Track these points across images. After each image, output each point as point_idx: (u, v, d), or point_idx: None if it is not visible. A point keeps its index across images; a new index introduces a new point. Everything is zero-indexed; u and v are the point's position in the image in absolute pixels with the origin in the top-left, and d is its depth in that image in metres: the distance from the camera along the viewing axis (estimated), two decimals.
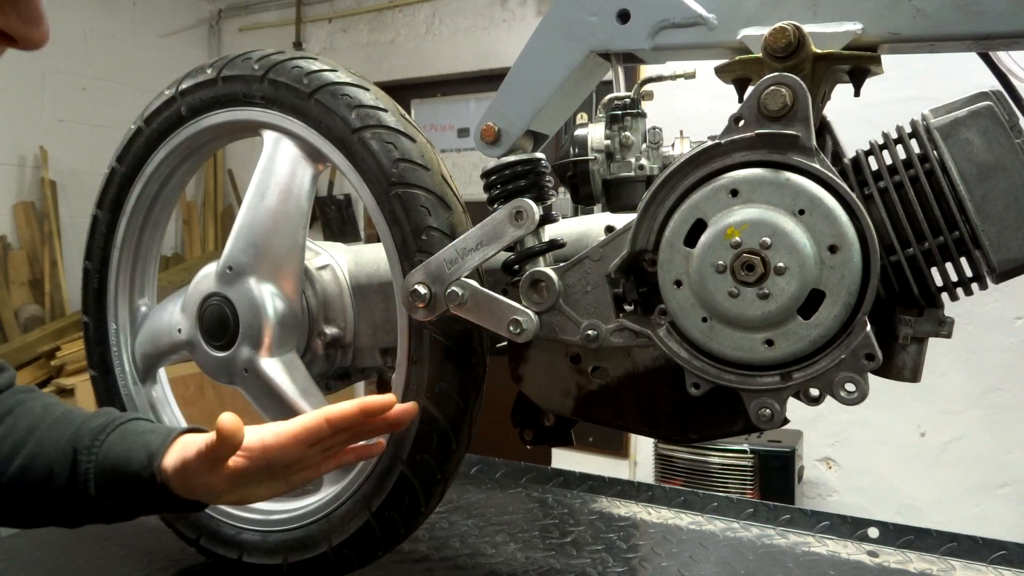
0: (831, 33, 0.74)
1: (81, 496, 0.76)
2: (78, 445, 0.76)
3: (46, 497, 0.77)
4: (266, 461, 0.76)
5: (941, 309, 0.75)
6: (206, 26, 5.20)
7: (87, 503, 0.77)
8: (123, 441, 0.77)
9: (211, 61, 1.06)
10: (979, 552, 1.16)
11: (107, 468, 0.76)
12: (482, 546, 1.17)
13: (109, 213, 1.14)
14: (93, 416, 0.80)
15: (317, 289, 1.04)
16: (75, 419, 0.80)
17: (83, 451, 0.76)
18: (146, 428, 0.79)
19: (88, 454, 0.76)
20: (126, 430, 0.78)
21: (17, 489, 0.77)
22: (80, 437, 0.77)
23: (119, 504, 0.78)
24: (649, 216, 0.77)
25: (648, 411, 0.85)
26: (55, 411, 0.81)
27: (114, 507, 0.78)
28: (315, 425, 0.77)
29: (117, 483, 0.76)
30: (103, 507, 0.78)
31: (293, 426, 0.77)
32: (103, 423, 0.78)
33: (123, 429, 0.78)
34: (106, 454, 0.76)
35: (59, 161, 4.31)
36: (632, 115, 1.11)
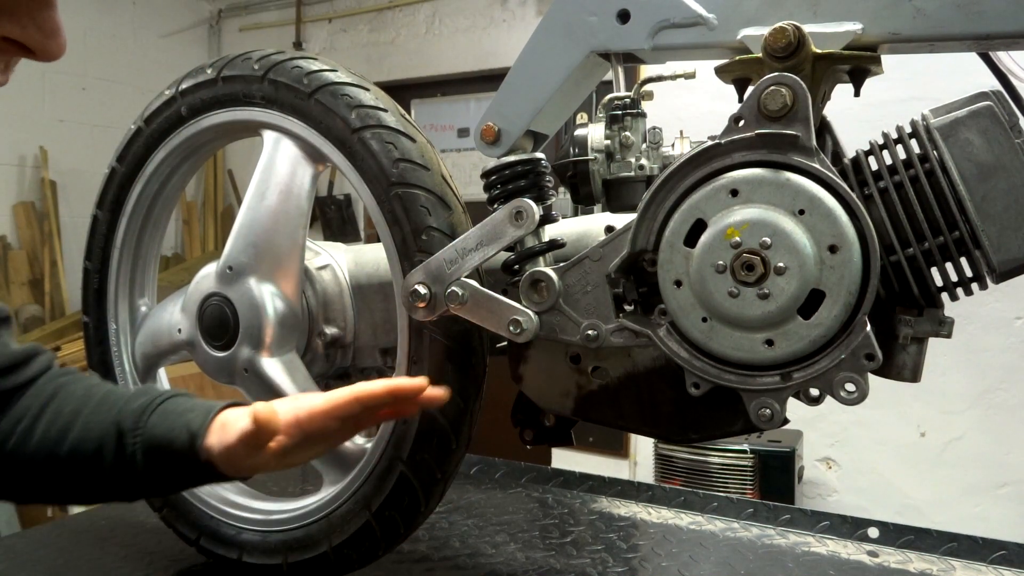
0: (831, 33, 0.74)
1: (131, 474, 0.78)
2: (123, 427, 0.78)
3: (99, 476, 0.79)
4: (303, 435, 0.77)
5: (941, 309, 0.75)
6: (206, 26, 5.20)
7: (138, 480, 0.79)
8: (164, 421, 0.78)
9: (211, 61, 1.06)
10: (979, 552, 1.16)
11: (152, 448, 0.77)
12: (482, 546, 1.17)
13: (109, 213, 1.14)
14: (134, 396, 0.81)
15: (317, 289, 1.04)
16: (117, 400, 0.81)
17: (128, 433, 0.78)
18: (185, 406, 0.80)
19: (133, 436, 0.77)
20: (166, 409, 0.79)
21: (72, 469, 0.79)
22: (123, 418, 0.78)
23: (169, 480, 0.80)
24: (649, 216, 0.76)
25: (648, 411, 0.85)
26: (97, 393, 0.82)
27: (165, 483, 0.81)
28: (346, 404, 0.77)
29: (164, 462, 0.78)
30: (154, 483, 0.80)
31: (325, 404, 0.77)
32: (144, 403, 0.80)
33: (163, 408, 0.79)
34: (151, 434, 0.77)
35: (59, 161, 4.31)
36: (632, 115, 1.11)
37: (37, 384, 0.83)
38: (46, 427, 0.79)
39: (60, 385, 0.83)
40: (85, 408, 0.80)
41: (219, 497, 1.08)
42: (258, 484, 1.29)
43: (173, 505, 1.10)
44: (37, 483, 0.81)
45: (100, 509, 1.39)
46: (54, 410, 0.80)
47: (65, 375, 0.85)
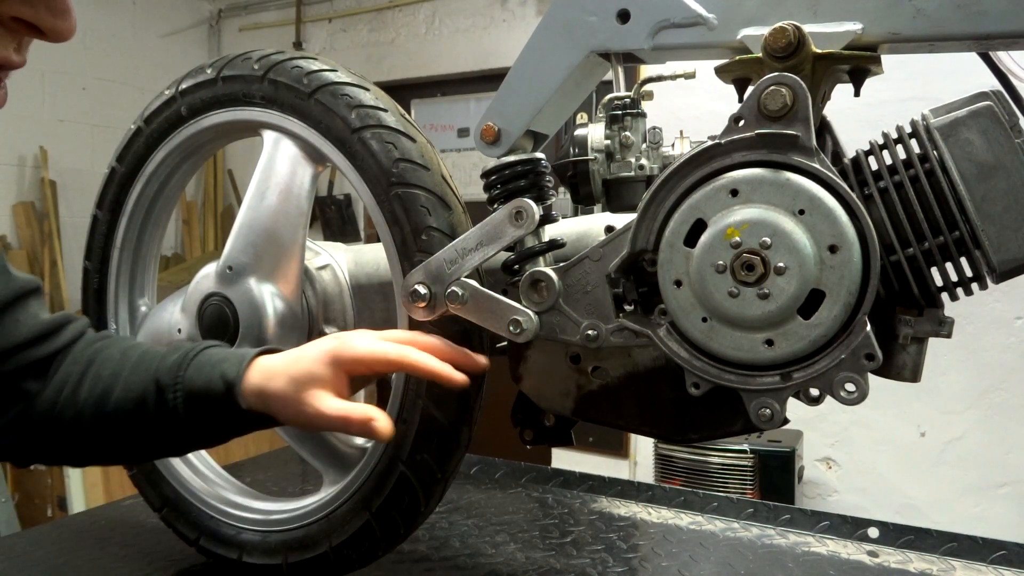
0: (831, 33, 0.74)
1: (176, 427, 0.80)
2: (162, 383, 0.80)
3: (146, 432, 0.82)
4: None
5: (941, 309, 0.75)
6: (206, 26, 5.20)
7: (184, 432, 0.81)
8: (201, 373, 0.80)
9: (211, 61, 1.06)
10: (979, 552, 1.16)
11: (193, 399, 0.79)
12: (482, 546, 1.17)
13: (109, 213, 1.14)
14: (169, 352, 0.83)
15: (317, 289, 1.04)
16: (154, 358, 0.83)
17: (167, 388, 0.79)
18: (219, 356, 0.81)
19: (172, 391, 0.79)
20: (199, 362, 0.81)
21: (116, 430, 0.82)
22: (161, 375, 0.80)
23: (214, 429, 0.82)
24: (649, 216, 0.77)
25: (648, 411, 0.85)
26: (133, 354, 0.85)
27: (210, 432, 0.82)
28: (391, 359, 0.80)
29: (206, 412, 0.79)
30: (200, 434, 0.82)
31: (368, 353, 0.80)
32: (179, 358, 0.81)
33: (198, 361, 0.81)
34: (189, 387, 0.79)
35: (59, 161, 4.31)
36: (632, 115, 1.11)
37: (75, 351, 0.85)
38: (89, 391, 0.82)
39: (97, 350, 0.86)
40: (123, 369, 0.83)
41: (219, 497, 1.08)
42: (258, 484, 1.29)
43: (173, 505, 1.10)
44: (89, 445, 0.84)
45: (100, 509, 1.39)
46: (94, 374, 0.83)
47: (100, 339, 0.88)
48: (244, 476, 1.39)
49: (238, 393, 0.78)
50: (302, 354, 0.80)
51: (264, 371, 0.79)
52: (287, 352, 0.82)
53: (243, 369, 0.79)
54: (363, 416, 0.75)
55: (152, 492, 1.11)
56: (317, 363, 0.78)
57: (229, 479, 1.12)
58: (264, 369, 0.79)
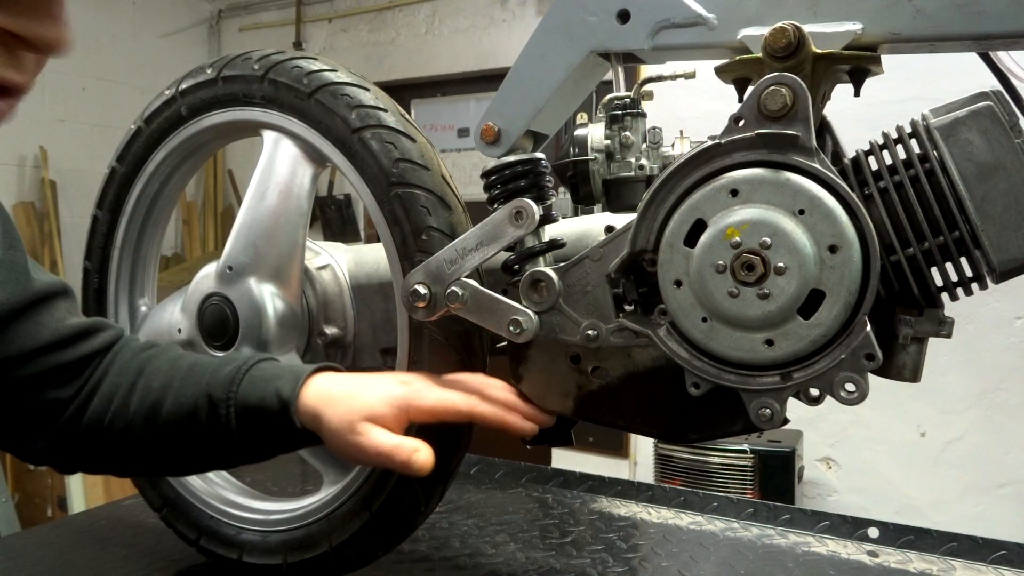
0: (831, 33, 0.74)
1: (228, 442, 0.79)
2: (214, 397, 0.79)
3: (197, 445, 0.81)
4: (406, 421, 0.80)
5: (941, 309, 0.75)
6: (206, 26, 5.20)
7: (236, 447, 0.80)
8: (255, 389, 0.79)
9: (211, 61, 1.06)
10: (979, 552, 1.16)
11: (246, 416, 0.78)
12: (482, 546, 1.17)
13: (109, 213, 1.14)
14: (220, 364, 0.82)
15: (317, 289, 1.04)
16: (204, 370, 0.82)
17: (220, 403, 0.79)
18: (273, 373, 0.80)
19: (225, 406, 0.78)
20: (253, 377, 0.80)
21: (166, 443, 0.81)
22: (213, 389, 0.80)
23: (266, 446, 0.81)
24: (649, 216, 0.76)
25: (648, 411, 0.85)
26: (182, 365, 0.84)
27: (262, 449, 0.82)
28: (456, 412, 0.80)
29: (259, 429, 0.79)
30: (253, 449, 0.81)
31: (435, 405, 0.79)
32: (231, 372, 0.80)
33: (250, 376, 0.80)
34: (243, 403, 0.78)
35: (59, 161, 4.31)
36: (632, 115, 1.11)
37: (120, 362, 0.84)
38: (139, 403, 0.81)
39: (144, 360, 0.85)
40: (174, 381, 0.82)
41: (219, 497, 1.08)
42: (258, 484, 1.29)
43: (173, 505, 1.10)
44: (138, 457, 0.83)
45: (100, 509, 1.40)
46: (144, 386, 0.82)
47: (147, 349, 0.87)
48: (244, 476, 1.39)
49: (293, 412, 0.77)
50: (367, 389, 0.79)
51: (323, 394, 0.78)
52: (350, 378, 0.81)
53: (299, 388, 0.78)
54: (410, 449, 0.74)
55: (152, 492, 1.11)
56: (383, 404, 0.77)
57: (229, 479, 1.12)
58: (323, 392, 0.78)
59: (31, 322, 0.79)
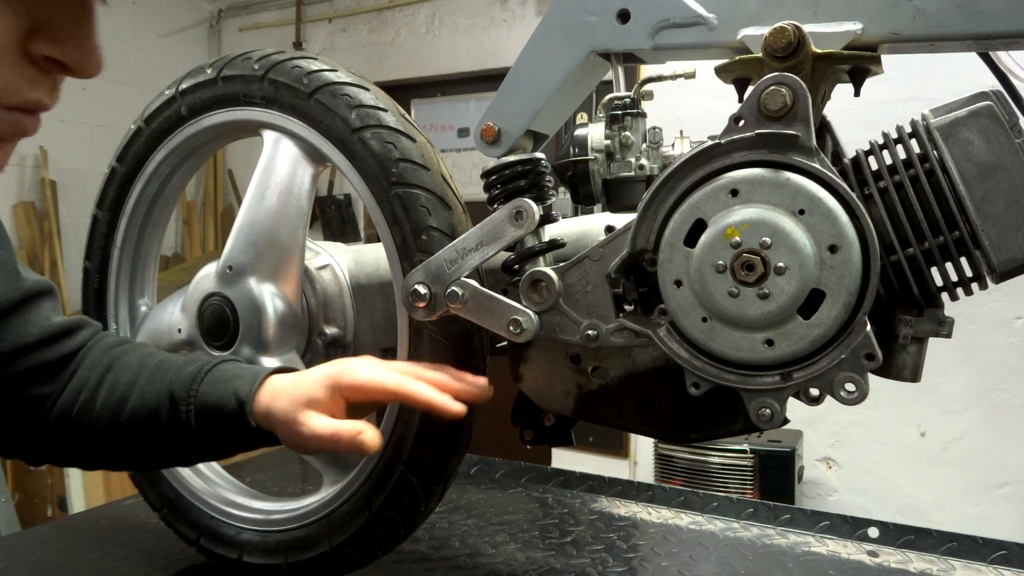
0: (831, 33, 0.74)
1: (188, 440, 0.81)
2: (175, 395, 0.81)
3: (159, 442, 0.83)
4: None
5: (941, 309, 0.75)
6: (206, 26, 5.20)
7: (195, 445, 0.82)
8: (213, 390, 0.81)
9: (211, 61, 1.06)
10: (979, 552, 1.16)
11: (205, 415, 0.80)
12: (482, 546, 1.17)
13: (109, 213, 1.14)
14: (184, 364, 0.85)
15: (317, 289, 1.04)
16: (170, 368, 0.84)
17: (180, 401, 0.81)
18: (233, 374, 0.82)
19: (185, 404, 0.80)
20: (214, 377, 0.82)
21: (132, 437, 0.83)
22: (175, 387, 0.82)
23: (225, 445, 0.83)
24: (649, 216, 0.77)
25: (648, 411, 0.85)
26: (150, 363, 0.86)
27: (221, 447, 0.83)
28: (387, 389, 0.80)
29: (217, 428, 0.81)
30: (211, 448, 0.83)
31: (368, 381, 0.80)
32: (194, 371, 0.83)
33: (211, 376, 0.82)
34: (202, 402, 0.80)
35: (59, 161, 4.31)
36: (632, 115, 1.11)
37: (92, 355, 0.86)
38: (105, 397, 0.83)
39: (115, 356, 0.87)
40: (140, 378, 0.84)
41: (219, 497, 1.08)
42: (258, 484, 1.29)
43: (173, 505, 1.10)
44: (102, 450, 0.85)
45: (100, 509, 1.40)
46: (111, 381, 0.84)
47: (120, 345, 0.89)
48: (244, 476, 1.39)
49: (249, 412, 0.79)
50: (305, 377, 0.81)
51: (272, 391, 0.80)
52: (294, 374, 0.83)
53: (255, 388, 0.80)
54: (352, 431, 0.75)
55: (152, 492, 1.11)
56: (317, 386, 0.79)
57: (229, 479, 1.12)
58: (272, 389, 0.80)
59: (20, 320, 0.81)
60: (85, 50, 0.47)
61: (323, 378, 0.80)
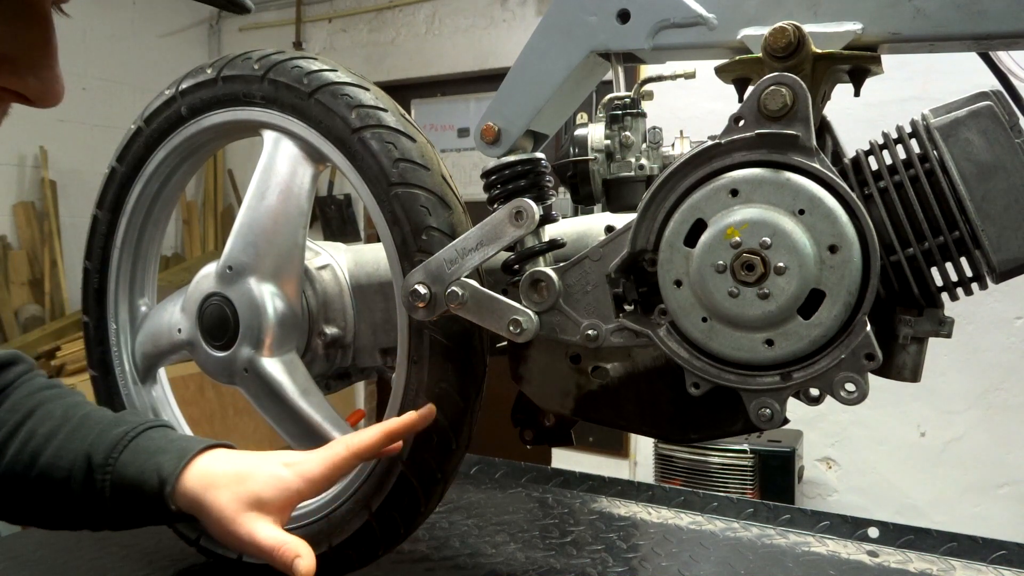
0: (831, 33, 0.74)
1: (99, 509, 0.76)
2: (93, 460, 0.76)
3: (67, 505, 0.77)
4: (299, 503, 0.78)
5: (941, 309, 0.75)
6: (206, 26, 5.20)
7: (106, 515, 0.77)
8: (135, 460, 0.76)
9: (211, 61, 1.06)
10: (979, 552, 1.16)
11: (121, 488, 0.75)
12: (482, 546, 1.17)
13: (109, 213, 1.14)
14: (109, 425, 0.79)
15: (317, 289, 1.04)
16: (93, 427, 0.79)
17: (98, 468, 0.75)
18: (158, 446, 0.77)
19: (103, 472, 0.75)
20: (138, 446, 0.77)
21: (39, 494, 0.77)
22: (95, 451, 0.76)
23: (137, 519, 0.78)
24: (649, 216, 0.77)
25: (648, 411, 0.85)
26: (74, 415, 0.80)
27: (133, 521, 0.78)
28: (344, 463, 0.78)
29: (132, 503, 0.75)
30: (122, 520, 0.78)
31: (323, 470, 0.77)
32: (117, 436, 0.77)
33: (135, 445, 0.77)
34: (120, 473, 0.75)
35: (59, 161, 4.31)
36: (632, 115, 1.11)
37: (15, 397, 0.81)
38: (19, 447, 0.77)
39: (39, 402, 0.81)
40: (60, 432, 0.78)
41: None
42: None
43: None
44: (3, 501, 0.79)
45: None
46: (29, 429, 0.78)
47: (48, 389, 0.83)
48: None
49: (168, 493, 0.74)
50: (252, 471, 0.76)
51: (205, 477, 0.74)
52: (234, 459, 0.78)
53: (180, 468, 0.75)
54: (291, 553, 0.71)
55: None
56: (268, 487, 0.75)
57: None
58: (205, 475, 0.75)
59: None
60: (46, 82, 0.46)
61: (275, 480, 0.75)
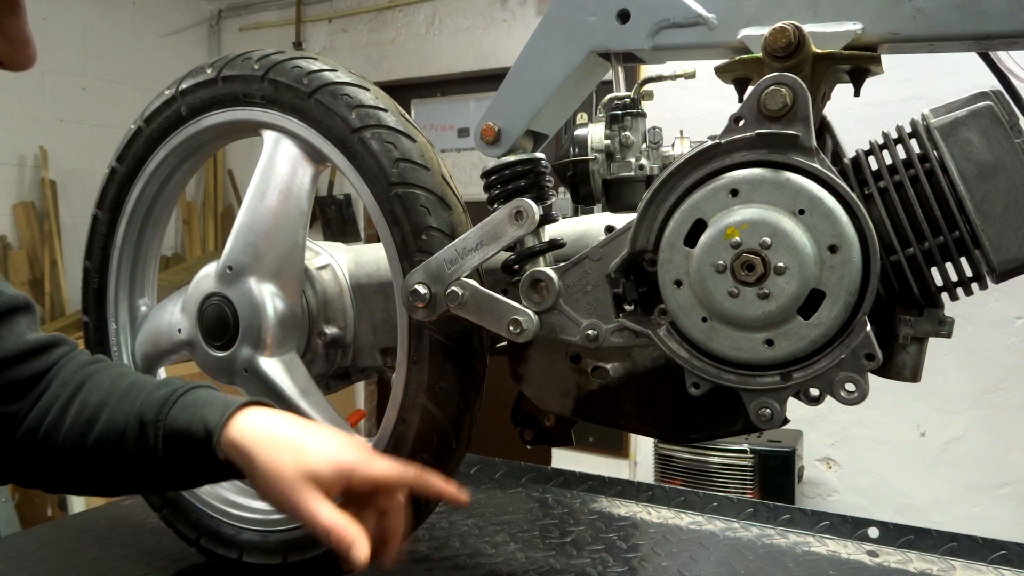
0: (831, 33, 0.74)
1: (154, 466, 0.78)
2: (144, 418, 0.78)
3: (124, 466, 0.79)
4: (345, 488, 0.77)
5: (941, 309, 0.75)
6: (206, 26, 5.20)
7: (161, 471, 0.79)
8: (183, 414, 0.78)
9: (211, 61, 1.06)
10: (979, 552, 1.16)
11: (172, 440, 0.77)
12: (482, 546, 1.17)
13: (109, 213, 1.14)
14: (157, 387, 0.81)
15: (317, 289, 1.04)
16: (142, 391, 0.81)
17: (149, 424, 0.78)
18: (205, 400, 0.79)
19: (154, 427, 0.77)
20: (186, 401, 0.79)
21: (98, 460, 0.80)
22: (145, 410, 0.79)
23: (190, 473, 0.80)
24: (649, 216, 0.77)
25: (648, 411, 0.85)
26: (122, 383, 0.83)
27: (186, 476, 0.80)
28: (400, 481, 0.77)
29: (184, 455, 0.77)
30: (176, 476, 0.80)
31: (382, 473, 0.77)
32: (166, 394, 0.80)
33: (183, 401, 0.79)
34: (171, 426, 0.77)
35: (59, 161, 4.31)
36: (632, 115, 1.11)
37: (64, 373, 0.83)
38: (74, 417, 0.80)
39: (88, 375, 0.83)
40: (111, 399, 0.81)
41: (219, 497, 1.08)
42: None
43: (173, 505, 1.10)
44: (66, 472, 0.81)
45: (100, 509, 1.39)
46: (81, 401, 0.81)
47: (93, 363, 0.86)
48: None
49: (216, 442, 0.75)
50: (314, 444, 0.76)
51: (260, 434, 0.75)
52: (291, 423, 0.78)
53: (225, 419, 0.76)
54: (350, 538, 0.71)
55: None
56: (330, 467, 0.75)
57: None
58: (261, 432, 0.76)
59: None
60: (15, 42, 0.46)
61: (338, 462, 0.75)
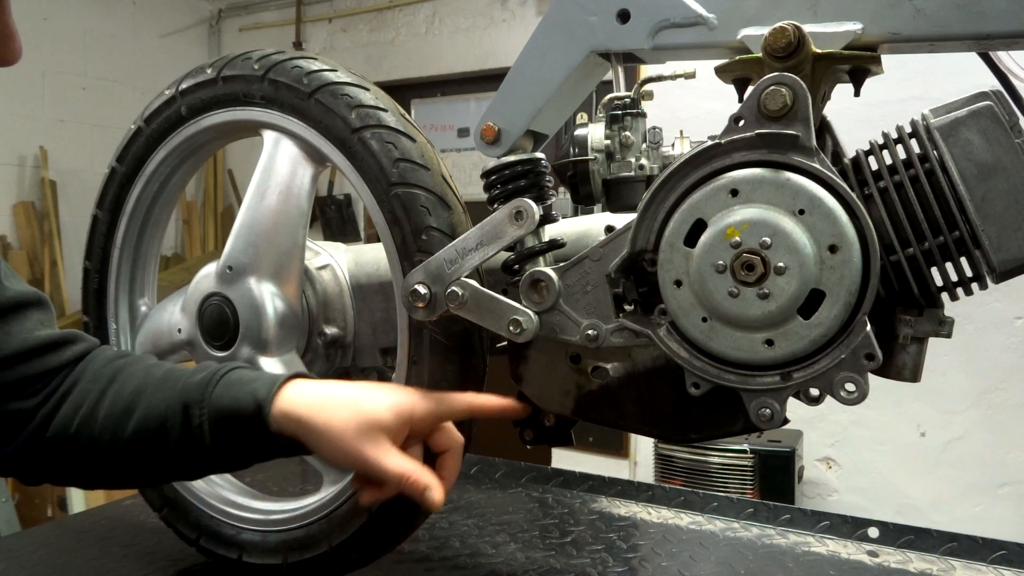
0: (831, 33, 0.74)
1: (198, 448, 0.77)
2: (188, 400, 0.77)
3: (166, 454, 0.78)
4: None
5: (941, 309, 0.75)
6: (206, 26, 5.20)
7: (205, 454, 0.78)
8: (228, 392, 0.77)
9: (211, 61, 1.06)
10: (979, 552, 1.16)
11: (220, 419, 0.76)
12: (482, 546, 1.17)
13: (109, 213, 1.14)
14: (195, 371, 0.81)
15: (317, 289, 1.04)
16: (179, 376, 0.81)
17: (194, 405, 0.77)
18: (249, 377, 0.79)
19: (199, 408, 0.77)
20: (230, 380, 0.79)
21: (135, 450, 0.79)
22: (187, 392, 0.78)
23: (238, 452, 0.79)
24: (649, 216, 0.77)
25: (648, 411, 0.85)
26: (156, 372, 0.82)
27: (234, 456, 0.80)
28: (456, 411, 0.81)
29: (232, 433, 0.77)
30: (223, 457, 0.79)
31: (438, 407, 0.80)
32: (207, 376, 0.79)
33: (227, 379, 0.79)
34: (217, 405, 0.77)
35: (59, 161, 4.31)
36: (632, 115, 1.11)
37: (93, 368, 0.82)
38: (108, 409, 0.79)
39: (119, 368, 0.82)
40: (146, 387, 0.80)
41: (219, 497, 1.08)
42: (258, 484, 1.29)
43: (173, 505, 1.10)
44: (105, 467, 0.81)
45: (100, 509, 1.40)
46: (115, 392, 0.80)
47: (122, 357, 0.85)
48: (244, 476, 1.39)
49: (267, 414, 0.75)
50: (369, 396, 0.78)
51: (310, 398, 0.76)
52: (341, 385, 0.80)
53: (275, 390, 0.76)
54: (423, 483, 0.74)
55: (152, 492, 1.11)
56: (389, 414, 0.76)
57: (229, 479, 1.12)
58: (310, 397, 0.76)
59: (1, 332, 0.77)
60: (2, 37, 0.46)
61: (394, 407, 0.76)
